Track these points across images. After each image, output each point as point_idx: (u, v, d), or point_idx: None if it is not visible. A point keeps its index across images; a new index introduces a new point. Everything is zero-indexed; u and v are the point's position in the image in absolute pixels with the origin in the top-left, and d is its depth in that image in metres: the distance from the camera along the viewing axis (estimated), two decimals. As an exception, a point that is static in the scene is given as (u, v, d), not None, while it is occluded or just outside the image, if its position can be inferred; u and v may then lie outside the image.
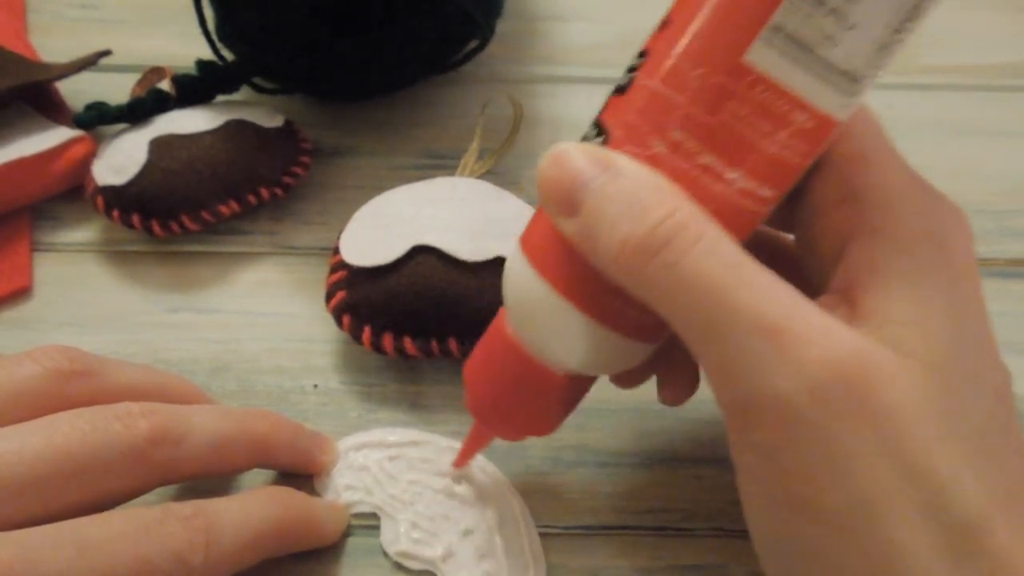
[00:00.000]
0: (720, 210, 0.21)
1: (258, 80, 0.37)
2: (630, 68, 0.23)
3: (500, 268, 0.25)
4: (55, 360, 0.25)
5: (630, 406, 0.30)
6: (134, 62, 0.38)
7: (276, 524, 0.25)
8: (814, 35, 0.20)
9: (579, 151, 0.22)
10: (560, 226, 0.22)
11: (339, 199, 0.36)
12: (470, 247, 0.30)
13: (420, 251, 0.30)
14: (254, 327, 0.33)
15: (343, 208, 0.34)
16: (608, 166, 0.22)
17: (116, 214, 0.34)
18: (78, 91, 0.37)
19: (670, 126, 0.21)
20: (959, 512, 0.20)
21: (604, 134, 0.22)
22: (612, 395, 0.29)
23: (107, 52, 0.36)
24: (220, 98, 0.37)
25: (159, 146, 0.34)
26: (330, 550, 0.27)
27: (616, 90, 0.23)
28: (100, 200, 0.34)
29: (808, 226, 0.24)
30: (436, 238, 0.30)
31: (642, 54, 0.22)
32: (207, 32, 0.37)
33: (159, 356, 0.32)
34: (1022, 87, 0.42)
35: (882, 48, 0.20)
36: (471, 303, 0.30)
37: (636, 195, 0.21)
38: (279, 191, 0.35)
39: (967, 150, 0.39)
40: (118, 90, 0.37)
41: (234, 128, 0.35)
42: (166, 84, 0.36)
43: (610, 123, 0.22)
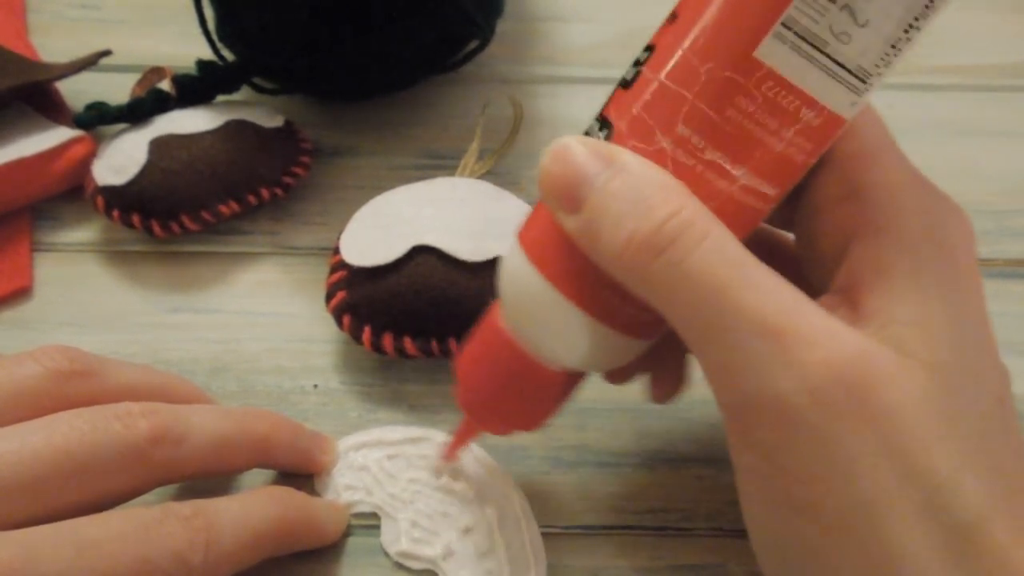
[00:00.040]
0: (723, 207, 0.21)
1: (258, 80, 0.37)
2: (636, 62, 0.22)
3: (500, 268, 0.25)
4: (55, 360, 0.25)
5: (630, 406, 0.30)
6: (134, 62, 0.38)
7: (276, 524, 0.25)
8: (826, 31, 0.20)
9: (582, 145, 0.22)
10: (562, 222, 0.22)
11: (339, 199, 0.36)
12: (470, 247, 0.30)
13: (420, 251, 0.30)
14: (254, 327, 0.33)
15: (343, 208, 0.34)
16: (612, 161, 0.21)
17: (116, 214, 0.34)
18: (78, 91, 0.37)
19: (676, 121, 0.21)
20: (958, 512, 0.20)
21: (608, 128, 0.22)
22: (612, 395, 0.29)
23: (107, 52, 0.36)
24: (220, 98, 0.37)
25: (159, 146, 0.34)
26: (330, 550, 0.27)
27: (621, 84, 0.23)
28: (100, 200, 0.34)
29: (809, 224, 0.24)
30: (436, 238, 0.30)
31: (649, 48, 0.22)
32: (207, 32, 0.37)
33: (159, 356, 0.32)
34: (1022, 87, 0.42)
35: (892, 46, 0.20)
36: (471, 303, 0.30)
37: (641, 192, 0.21)
38: (279, 191, 0.35)
39: (967, 150, 0.39)
40: (118, 90, 0.37)
41: (234, 128, 0.35)
42: (166, 84, 0.36)
43: (615, 117, 0.22)
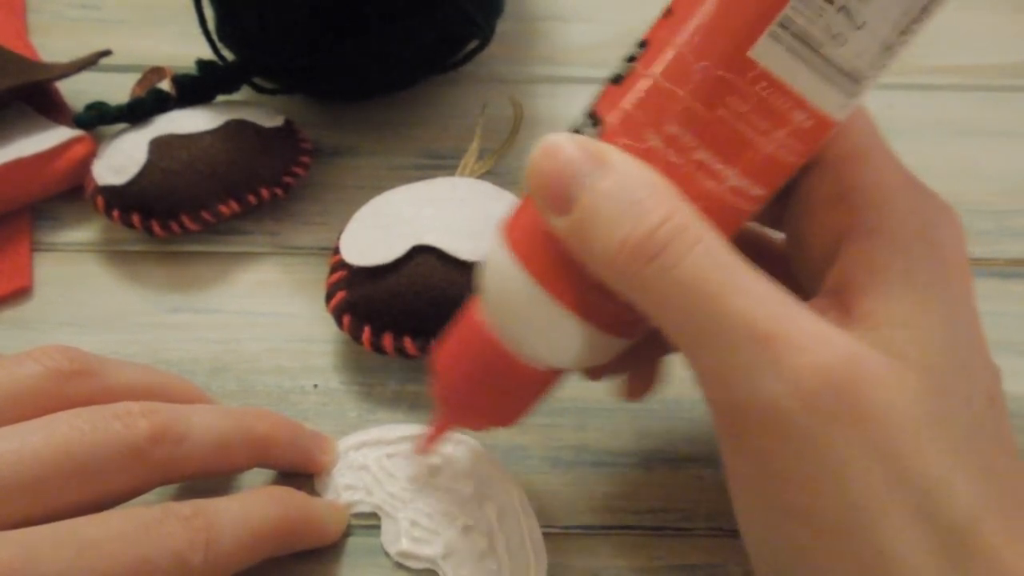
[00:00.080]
0: (710, 208, 0.21)
1: (258, 80, 0.37)
2: (629, 57, 0.22)
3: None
4: (55, 360, 0.25)
5: (630, 406, 0.30)
6: (134, 62, 0.38)
7: (276, 524, 0.25)
8: (822, 33, 0.20)
9: (573, 144, 0.21)
10: (550, 222, 0.22)
11: (339, 199, 0.36)
12: (470, 247, 0.30)
13: (420, 251, 0.30)
14: (254, 327, 0.33)
15: (343, 208, 0.34)
16: (603, 161, 0.21)
17: (116, 214, 0.34)
18: (78, 91, 0.37)
19: (667, 120, 0.21)
20: (950, 514, 0.20)
21: (599, 125, 0.22)
22: (612, 395, 0.29)
23: (107, 52, 0.36)
24: (220, 98, 0.37)
25: (159, 146, 0.34)
26: (330, 550, 0.27)
27: (613, 79, 0.22)
28: (100, 200, 0.34)
29: (800, 224, 0.24)
30: (436, 238, 0.30)
31: (642, 44, 0.22)
32: (207, 32, 0.37)
33: (159, 356, 0.32)
34: (1022, 87, 0.42)
35: (887, 49, 0.20)
36: (471, 303, 0.30)
37: (633, 194, 0.21)
38: (279, 191, 0.35)
39: (967, 150, 0.39)
40: (118, 90, 0.37)
41: (234, 128, 0.35)
42: (166, 84, 0.36)
43: (605, 113, 0.22)
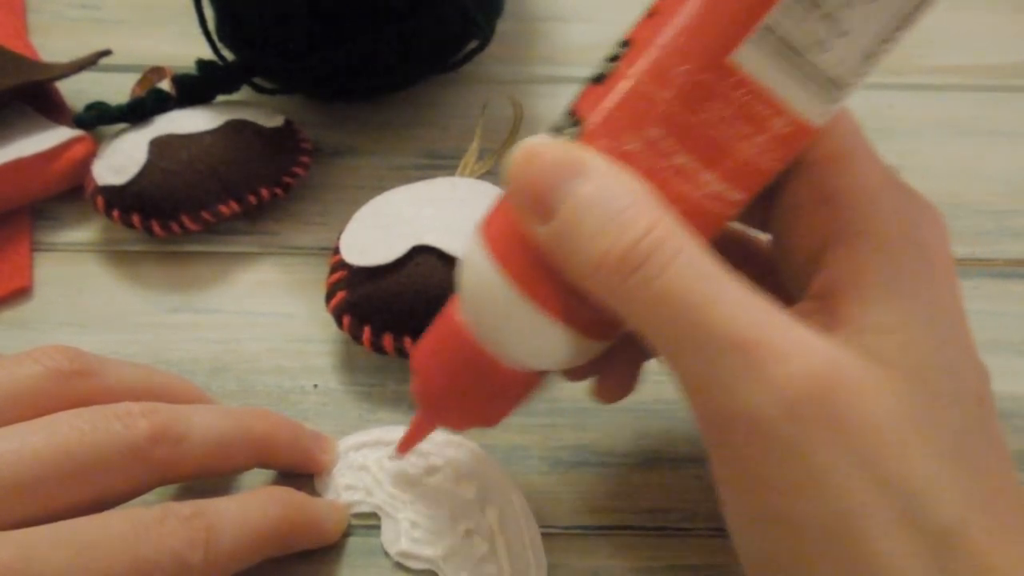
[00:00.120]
0: (689, 212, 0.21)
1: (258, 80, 0.37)
2: (611, 57, 0.22)
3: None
4: (55, 360, 0.25)
5: (630, 406, 0.30)
6: (134, 62, 0.38)
7: (276, 524, 0.25)
8: (806, 39, 0.20)
9: (553, 148, 0.21)
10: (530, 230, 0.22)
11: (339, 199, 0.36)
12: (470, 247, 0.30)
13: (420, 251, 0.30)
14: (254, 327, 0.33)
15: (343, 208, 0.34)
16: (583, 168, 0.21)
17: (116, 214, 0.34)
18: (78, 91, 0.37)
19: (648, 123, 0.21)
20: (936, 518, 0.20)
21: (578, 125, 0.21)
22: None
23: (107, 52, 0.36)
24: (220, 98, 0.37)
25: (159, 146, 0.34)
26: (330, 550, 0.27)
27: (594, 79, 0.22)
28: (100, 200, 0.34)
29: (784, 228, 0.24)
30: (436, 238, 0.30)
31: (625, 43, 0.21)
32: (207, 32, 0.37)
33: (159, 356, 0.32)
34: (1022, 87, 0.42)
35: (868, 56, 0.20)
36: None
37: (615, 204, 0.20)
38: (279, 191, 0.35)
39: (967, 150, 0.39)
40: (118, 90, 0.37)
41: (234, 128, 0.35)
42: (166, 84, 0.36)
43: (585, 114, 0.22)
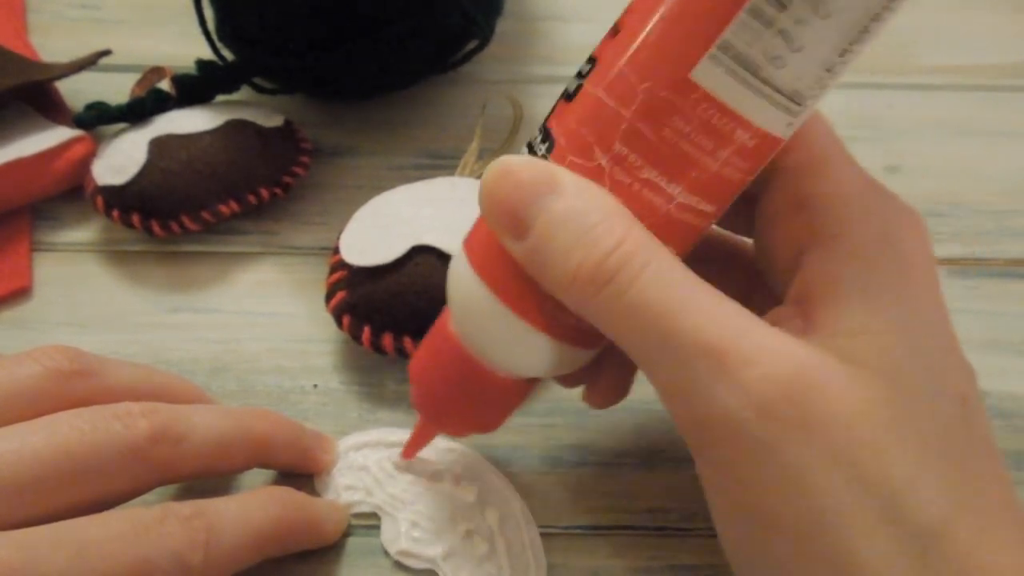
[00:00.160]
0: (660, 224, 0.22)
1: (258, 80, 0.37)
2: (579, 74, 0.22)
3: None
4: (55, 360, 0.25)
5: (630, 406, 0.30)
6: (134, 62, 0.38)
7: (276, 524, 0.25)
8: (761, 56, 0.20)
9: (525, 166, 0.22)
10: (507, 246, 0.22)
11: (339, 199, 0.36)
12: (470, 247, 0.30)
13: (420, 251, 0.30)
14: (254, 327, 0.33)
15: (343, 208, 0.34)
16: (555, 184, 0.21)
17: (116, 214, 0.34)
18: (78, 91, 0.37)
19: (614, 139, 0.21)
20: (917, 517, 0.20)
21: (550, 141, 0.22)
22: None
23: (107, 52, 0.36)
24: (220, 98, 0.37)
25: (159, 146, 0.34)
26: (330, 550, 0.27)
27: (564, 95, 0.23)
28: (100, 200, 0.34)
29: (764, 234, 0.24)
30: (436, 238, 0.30)
31: (591, 60, 0.22)
32: (207, 32, 0.37)
33: (159, 356, 0.32)
34: (1022, 87, 0.42)
35: (828, 70, 0.20)
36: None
37: (586, 220, 0.21)
38: (279, 191, 0.35)
39: (967, 150, 0.39)
40: (118, 90, 0.37)
41: (234, 128, 0.35)
42: (166, 84, 0.36)
43: (556, 130, 0.22)
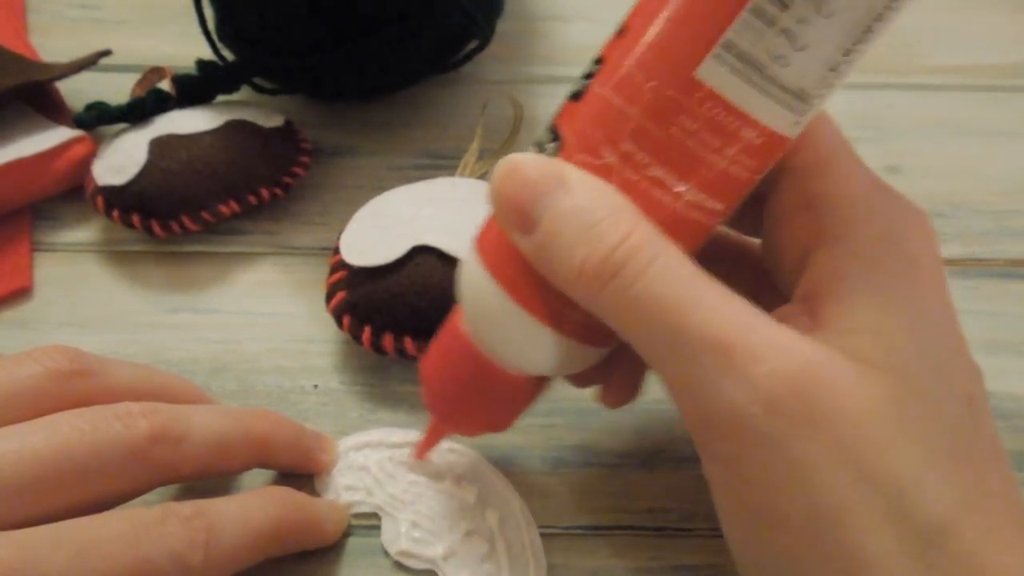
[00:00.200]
0: (670, 222, 0.22)
1: (258, 80, 0.37)
2: (586, 74, 0.22)
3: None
4: (55, 360, 0.25)
5: (631, 407, 0.30)
6: (134, 62, 0.38)
7: (276, 524, 0.25)
8: (765, 54, 0.20)
9: (533, 164, 0.22)
10: (516, 242, 0.22)
11: (339, 199, 0.36)
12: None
13: (420, 251, 0.30)
14: (254, 327, 0.33)
15: (343, 208, 0.34)
16: (563, 181, 0.21)
17: (116, 214, 0.34)
18: (78, 91, 0.37)
19: (621, 137, 0.21)
20: (923, 515, 0.20)
21: (558, 140, 0.22)
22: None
23: (107, 52, 0.36)
24: (220, 98, 0.37)
25: (159, 146, 0.34)
26: (330, 550, 0.27)
27: (572, 95, 0.23)
28: (100, 200, 0.34)
29: (771, 233, 0.24)
30: (436, 238, 0.30)
31: (598, 60, 0.22)
32: (207, 32, 0.37)
33: (159, 356, 0.32)
34: (1022, 87, 0.42)
35: (832, 69, 0.21)
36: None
37: (591, 215, 0.21)
38: (279, 191, 0.35)
39: (967, 150, 0.39)
40: (118, 90, 0.37)
41: (234, 128, 0.35)
42: (166, 84, 0.36)
43: (564, 130, 0.22)
